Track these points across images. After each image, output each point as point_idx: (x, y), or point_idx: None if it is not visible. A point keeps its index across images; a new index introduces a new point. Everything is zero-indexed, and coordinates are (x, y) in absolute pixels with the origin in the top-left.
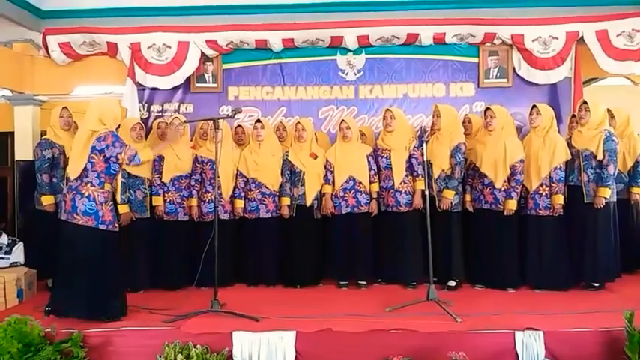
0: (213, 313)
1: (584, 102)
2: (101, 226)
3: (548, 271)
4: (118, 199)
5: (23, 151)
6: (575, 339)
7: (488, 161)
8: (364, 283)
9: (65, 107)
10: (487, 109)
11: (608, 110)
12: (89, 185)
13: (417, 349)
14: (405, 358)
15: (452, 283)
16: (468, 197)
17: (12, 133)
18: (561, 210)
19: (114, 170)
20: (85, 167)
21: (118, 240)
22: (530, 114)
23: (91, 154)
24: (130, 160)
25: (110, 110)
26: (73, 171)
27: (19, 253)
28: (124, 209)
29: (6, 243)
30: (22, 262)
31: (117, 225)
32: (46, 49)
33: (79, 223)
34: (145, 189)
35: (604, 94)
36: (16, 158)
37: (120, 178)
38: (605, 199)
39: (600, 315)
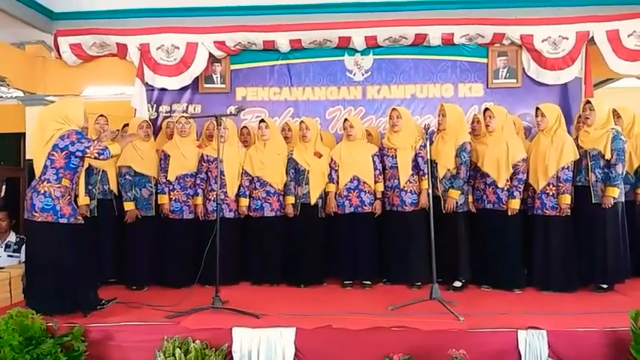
0: (214, 309)
1: (588, 102)
2: (61, 220)
3: (556, 273)
4: (82, 194)
5: None
6: (579, 339)
7: (490, 160)
8: (368, 283)
9: None
10: (486, 109)
11: (614, 110)
12: (45, 182)
13: (417, 348)
14: (406, 357)
15: (457, 283)
16: (470, 197)
17: (24, 134)
18: (568, 210)
19: (73, 164)
20: (45, 164)
21: (84, 232)
22: (536, 116)
23: (52, 151)
24: (100, 153)
25: (72, 110)
26: (37, 170)
27: None
28: (129, 206)
29: (14, 241)
30: None
31: (79, 217)
32: (57, 50)
33: (39, 219)
34: (151, 187)
35: (618, 97)
36: (27, 158)
37: (82, 175)
38: (614, 198)
39: (606, 315)
